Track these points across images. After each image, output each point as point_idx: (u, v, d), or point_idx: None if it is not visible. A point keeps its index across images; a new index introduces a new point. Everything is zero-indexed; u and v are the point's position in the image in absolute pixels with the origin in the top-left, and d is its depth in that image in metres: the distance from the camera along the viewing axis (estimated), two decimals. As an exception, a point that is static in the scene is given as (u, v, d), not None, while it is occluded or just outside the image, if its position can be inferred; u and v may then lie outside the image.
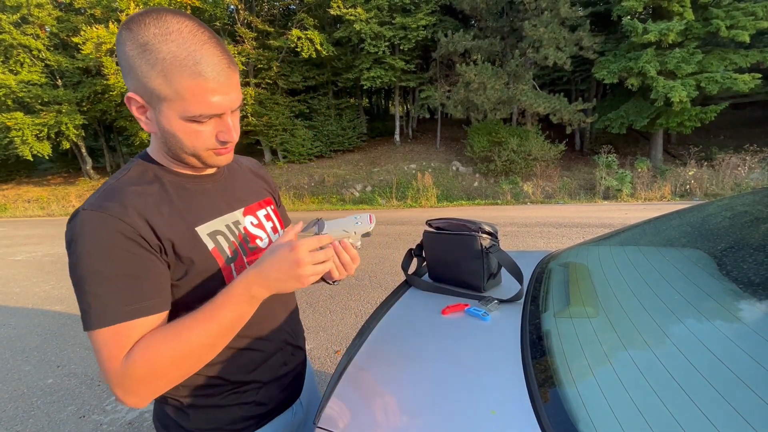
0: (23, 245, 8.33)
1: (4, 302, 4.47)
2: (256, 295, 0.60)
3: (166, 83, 0.56)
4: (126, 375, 0.55)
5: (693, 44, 11.01)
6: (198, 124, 0.60)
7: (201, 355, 0.60)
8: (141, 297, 0.58)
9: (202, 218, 0.68)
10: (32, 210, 16.36)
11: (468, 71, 12.48)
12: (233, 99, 0.61)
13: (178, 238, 0.63)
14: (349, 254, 0.69)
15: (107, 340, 0.56)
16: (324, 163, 15.93)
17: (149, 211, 0.61)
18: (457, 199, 11.83)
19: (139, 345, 0.56)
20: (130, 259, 0.58)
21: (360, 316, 3.36)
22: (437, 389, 0.65)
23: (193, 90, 0.57)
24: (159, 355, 0.56)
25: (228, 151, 0.67)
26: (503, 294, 0.99)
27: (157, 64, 0.55)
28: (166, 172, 0.68)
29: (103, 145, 20.23)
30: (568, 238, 5.64)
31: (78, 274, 0.56)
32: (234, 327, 0.61)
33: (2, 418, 2.30)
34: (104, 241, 0.56)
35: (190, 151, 0.64)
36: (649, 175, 10.62)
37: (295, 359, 0.85)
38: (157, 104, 0.58)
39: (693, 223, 1.07)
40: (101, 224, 0.57)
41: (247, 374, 0.74)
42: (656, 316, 0.68)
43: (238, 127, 0.67)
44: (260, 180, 0.88)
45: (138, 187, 0.63)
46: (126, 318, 0.56)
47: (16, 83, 14.73)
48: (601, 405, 0.53)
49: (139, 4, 13.41)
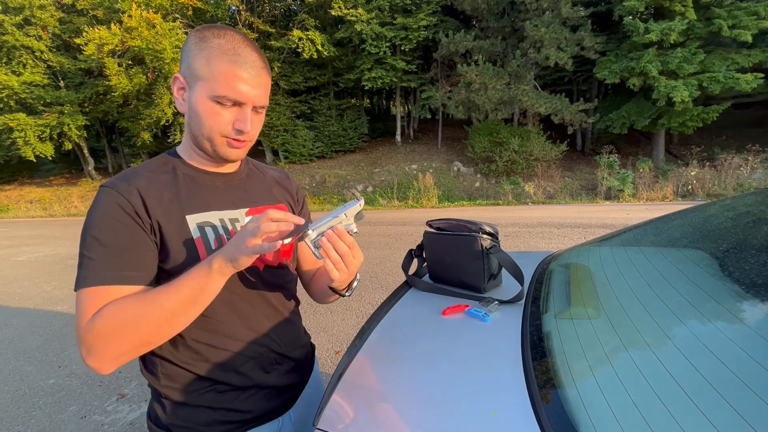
0: (25, 246, 8.36)
1: (6, 303, 4.48)
2: (215, 266, 0.62)
3: (206, 64, 0.65)
4: (89, 330, 0.59)
5: (695, 44, 10.99)
6: (220, 106, 0.66)
7: (162, 321, 0.61)
8: (126, 267, 0.63)
9: (196, 208, 0.71)
10: (34, 211, 16.43)
11: (469, 71, 12.48)
12: (257, 95, 0.68)
13: (168, 221, 0.68)
14: (345, 242, 0.65)
15: (85, 300, 0.61)
16: (325, 164, 15.95)
17: (151, 193, 0.68)
18: (458, 199, 11.82)
19: (107, 306, 0.60)
20: (124, 232, 0.64)
21: (361, 317, 3.36)
22: (437, 390, 0.65)
23: (226, 73, 0.65)
24: (121, 314, 0.59)
25: (240, 146, 0.71)
26: (504, 295, 0.98)
27: (205, 50, 0.66)
28: (183, 164, 0.75)
29: (105, 146, 20.29)
30: (569, 238, 5.63)
31: (82, 237, 0.64)
32: (196, 299, 0.63)
33: (4, 419, 2.31)
34: (106, 213, 0.64)
35: (207, 133, 0.69)
36: (651, 175, 10.60)
37: (281, 368, 0.81)
38: (194, 84, 0.67)
39: (695, 223, 1.06)
40: (108, 198, 0.65)
41: (222, 373, 0.73)
42: (658, 317, 0.67)
43: (257, 128, 0.72)
44: (282, 189, 0.89)
45: (152, 173, 0.71)
46: (107, 282, 0.61)
47: (19, 84, 14.80)
48: (602, 407, 0.53)
49: (141, 5, 13.46)
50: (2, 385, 2.69)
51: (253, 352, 0.76)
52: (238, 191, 0.79)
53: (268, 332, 0.79)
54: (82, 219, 12.14)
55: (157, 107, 14.27)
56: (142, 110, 14.90)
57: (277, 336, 0.80)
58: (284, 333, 0.83)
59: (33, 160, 15.96)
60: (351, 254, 0.67)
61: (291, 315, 0.86)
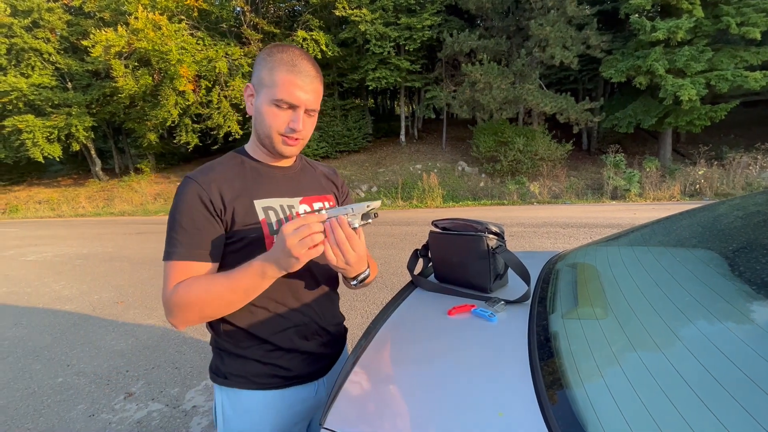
0: (34, 246, 8.46)
1: (15, 302, 4.54)
2: (268, 272, 0.73)
3: (269, 74, 0.79)
4: (169, 300, 0.75)
5: (702, 42, 10.87)
6: (278, 108, 0.79)
7: (220, 304, 0.76)
8: (199, 246, 0.78)
9: (262, 194, 0.85)
10: (43, 211, 16.63)
11: (474, 71, 12.44)
12: (309, 99, 0.80)
13: (240, 205, 0.82)
14: (344, 231, 0.72)
15: (169, 270, 0.77)
16: (329, 164, 15.92)
17: (224, 183, 0.82)
18: (462, 199, 11.79)
19: (183, 282, 0.76)
20: (199, 218, 0.78)
21: (366, 317, 3.37)
22: (444, 390, 0.65)
23: (284, 80, 0.78)
24: (191, 294, 0.74)
25: (294, 143, 0.83)
26: (510, 295, 0.98)
27: (270, 62, 0.79)
28: (249, 159, 0.89)
29: (111, 147, 20.50)
30: (575, 238, 5.59)
31: (169, 220, 0.79)
32: (248, 293, 0.76)
33: (14, 416, 2.34)
34: (186, 200, 0.78)
35: (267, 131, 0.81)
36: (658, 174, 10.50)
37: (320, 339, 0.93)
38: (260, 91, 0.80)
39: (704, 223, 1.05)
40: (189, 188, 0.79)
41: (270, 335, 0.86)
42: (667, 317, 0.67)
43: (309, 128, 0.84)
44: (329, 183, 1.03)
45: (224, 166, 0.85)
46: (183, 258, 0.77)
47: (28, 86, 14.99)
48: (610, 407, 0.53)
49: (147, 7, 13.56)
50: (12, 383, 2.72)
51: (297, 320, 0.89)
52: (293, 182, 0.92)
53: (312, 304, 0.91)
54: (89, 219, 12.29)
55: (163, 108, 14.38)
56: (148, 111, 15.03)
57: (319, 309, 0.93)
58: (325, 307, 0.95)
59: (41, 161, 16.17)
60: (347, 243, 0.72)
61: (332, 292, 0.99)
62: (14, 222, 14.77)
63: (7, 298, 4.72)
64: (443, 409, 0.60)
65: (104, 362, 2.93)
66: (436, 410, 0.60)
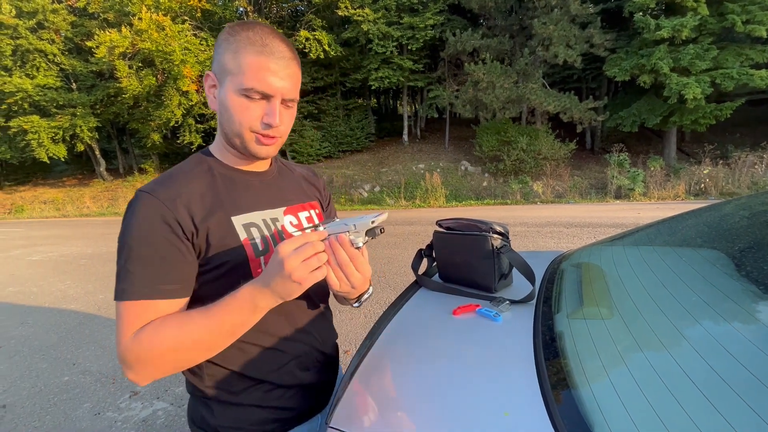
0: (40, 245, 8.52)
1: (21, 301, 4.58)
2: (260, 304, 0.60)
3: (234, 58, 0.64)
4: (130, 350, 0.59)
5: (707, 40, 10.79)
6: (249, 99, 0.65)
7: (199, 350, 0.62)
8: (164, 280, 0.62)
9: (241, 209, 0.71)
10: (48, 211, 16.74)
11: (477, 70, 12.41)
12: (286, 87, 0.66)
13: (214, 224, 0.67)
14: (347, 252, 0.61)
15: (125, 313, 0.61)
16: (332, 164, 15.99)
17: (192, 198, 0.67)
18: (465, 199, 11.77)
19: (147, 327, 0.60)
20: (163, 244, 0.62)
21: (369, 316, 3.37)
22: (449, 390, 0.65)
23: (253, 64, 0.63)
24: (160, 341, 0.59)
25: (270, 142, 0.69)
26: (515, 295, 0.98)
27: (233, 43, 0.65)
28: (219, 164, 0.74)
29: (116, 147, 20.60)
30: (579, 238, 5.57)
31: (119, 246, 0.63)
32: (235, 332, 0.62)
33: (21, 415, 2.36)
34: (144, 222, 0.62)
35: (236, 129, 0.67)
36: (663, 173, 10.44)
37: (322, 367, 0.82)
38: (224, 80, 0.66)
39: (710, 222, 1.04)
40: (146, 205, 0.63)
41: (268, 373, 0.73)
42: (673, 317, 0.67)
43: (287, 123, 0.70)
44: (311, 187, 0.90)
45: (189, 176, 0.70)
46: (145, 296, 0.61)
47: (33, 87, 15.09)
48: (616, 408, 0.53)
49: (150, 8, 13.63)
50: (19, 381, 2.75)
51: (298, 351, 0.77)
52: (273, 190, 0.79)
53: (310, 330, 0.80)
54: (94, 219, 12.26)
55: (167, 108, 14.45)
56: (152, 112, 15.10)
57: (318, 333, 0.82)
58: (323, 329, 0.84)
59: (46, 161, 16.29)
60: (351, 266, 0.62)
61: (326, 310, 0.87)
62: (20, 222, 14.88)
63: (14, 297, 4.76)
64: (449, 408, 0.61)
65: (109, 361, 2.95)
66: (442, 409, 0.61)
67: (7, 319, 4.01)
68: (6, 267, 6.50)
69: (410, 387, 0.68)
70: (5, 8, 14.92)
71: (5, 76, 14.88)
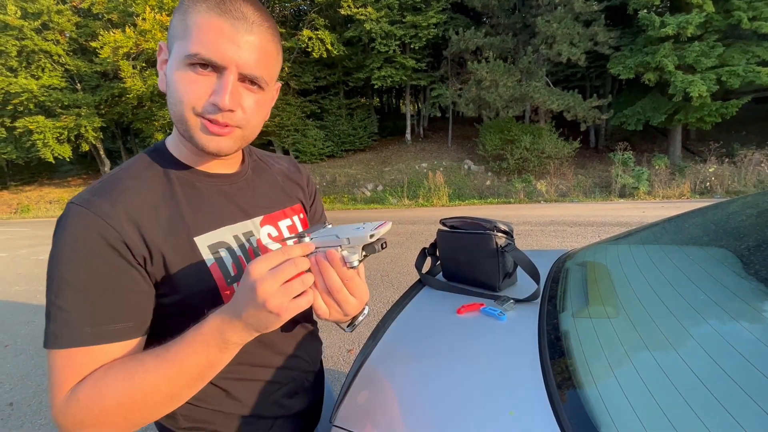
0: (46, 245, 8.59)
1: (28, 300, 4.62)
2: (231, 339, 0.46)
3: (182, 19, 0.50)
4: (65, 415, 0.45)
5: (713, 37, 10.70)
6: (193, 70, 0.49)
7: (157, 405, 0.47)
8: (110, 318, 0.49)
9: (205, 226, 0.57)
10: (54, 211, 16.87)
11: (480, 69, 12.38)
12: (245, 59, 0.49)
13: (172, 248, 0.53)
14: (338, 273, 0.47)
15: (61, 364, 0.47)
16: (335, 163, 16.01)
17: (143, 213, 0.52)
18: (469, 198, 11.75)
19: (86, 382, 0.46)
20: (107, 271, 0.48)
21: (372, 315, 3.37)
22: (454, 388, 0.65)
23: (201, 24, 0.48)
24: (104, 399, 0.45)
25: (222, 132, 0.52)
26: (519, 293, 0.97)
27: (186, 4, 0.50)
28: (177, 165, 0.58)
29: (120, 147, 20.71)
30: (583, 237, 5.54)
31: (49, 276, 0.48)
32: (203, 376, 0.48)
33: (27, 412, 2.38)
34: (80, 245, 0.48)
35: (178, 110, 0.51)
36: (668, 172, 10.37)
37: (311, 388, 0.75)
38: (172, 49, 0.51)
39: (716, 220, 1.03)
40: (82, 224, 0.48)
41: (254, 407, 0.63)
42: (681, 316, 0.66)
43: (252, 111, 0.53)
44: (292, 183, 0.75)
45: (139, 182, 0.54)
46: (87, 342, 0.47)
47: (38, 88, 15.20)
48: (624, 407, 0.52)
49: (154, 7, 13.68)
50: (25, 379, 2.77)
51: (286, 378, 0.67)
52: (246, 194, 0.64)
53: (298, 353, 0.70)
54: (99, 219, 12.64)
55: (171, 108, 14.52)
56: (155, 111, 15.18)
57: (307, 355, 0.73)
58: (311, 350, 0.75)
59: (52, 161, 16.39)
60: (344, 291, 0.48)
61: (313, 327, 0.78)
62: (26, 221, 15.00)
63: (20, 296, 4.80)
64: (453, 407, 0.60)
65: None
66: (447, 408, 0.60)
67: (14, 317, 4.05)
68: (12, 266, 6.56)
69: (414, 386, 0.68)
70: (10, 9, 15.03)
71: (11, 77, 14.99)
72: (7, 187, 20.45)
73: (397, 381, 0.70)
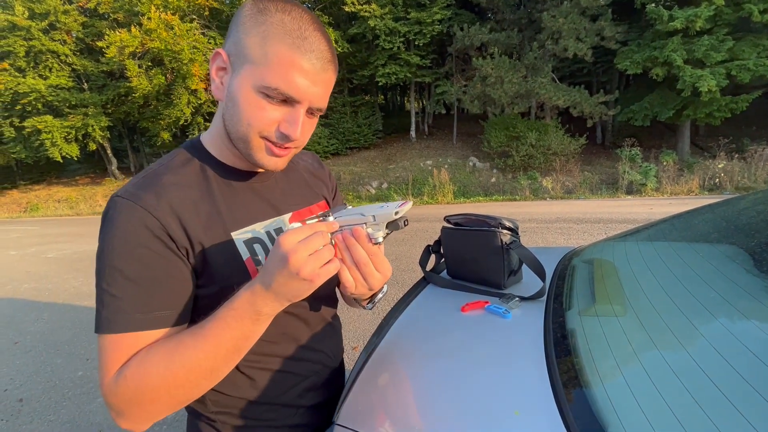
0: (54, 243, 8.69)
1: (37, 298, 4.68)
2: (263, 309, 0.50)
3: (260, 44, 0.51)
4: (115, 394, 0.49)
5: (723, 31, 10.50)
6: (268, 100, 0.52)
7: (199, 380, 0.51)
8: (159, 305, 0.53)
9: (241, 222, 0.61)
10: (62, 209, 17.06)
11: (485, 65, 12.28)
12: (317, 94, 0.54)
13: (211, 242, 0.57)
14: (364, 248, 0.52)
15: (110, 348, 0.51)
16: (340, 161, 16.01)
17: (185, 208, 0.55)
18: (474, 195, 11.70)
19: (131, 362, 0.50)
20: (154, 261, 0.52)
21: (377, 313, 3.37)
22: (458, 387, 0.64)
23: (283, 59, 0.51)
24: (149, 377, 0.49)
25: (283, 155, 0.58)
26: (525, 291, 0.96)
27: (263, 24, 0.51)
28: (214, 163, 0.62)
29: (127, 146, 20.88)
30: (589, 234, 5.49)
31: (99, 267, 0.52)
32: (239, 349, 0.52)
33: (37, 409, 2.41)
34: (130, 236, 0.51)
35: (243, 131, 0.55)
36: (676, 168, 10.23)
37: (333, 381, 0.77)
38: (239, 66, 0.53)
39: (727, 217, 1.01)
40: (130, 216, 0.52)
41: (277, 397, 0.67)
42: (691, 314, 0.64)
43: (307, 134, 0.59)
44: (317, 180, 0.79)
45: (179, 177, 0.58)
46: (137, 327, 0.51)
47: (46, 88, 15.35)
48: (632, 407, 0.51)
49: (159, 7, 13.74)
50: (35, 376, 2.81)
51: (307, 370, 0.70)
52: (276, 192, 0.68)
53: (321, 348, 0.73)
54: (106, 217, 12.65)
55: (176, 107, 14.60)
56: (161, 110, 15.26)
57: (329, 350, 0.75)
58: (333, 344, 0.78)
59: (60, 160, 16.58)
60: (370, 265, 0.53)
61: (335, 321, 0.80)
62: (35, 220, 15.19)
63: (30, 293, 4.87)
64: (458, 406, 0.60)
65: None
66: (451, 408, 0.60)
67: (24, 315, 4.11)
68: (22, 264, 6.65)
69: (418, 384, 0.67)
70: (18, 10, 15.18)
71: (19, 77, 15.16)
72: (16, 186, 20.72)
73: (401, 380, 0.70)
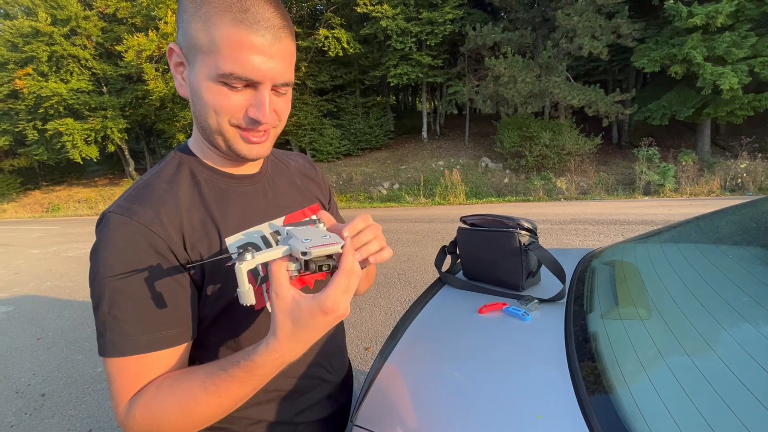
0: (75, 242, 8.93)
1: (58, 295, 4.81)
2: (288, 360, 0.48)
3: (204, 29, 0.47)
4: (127, 427, 0.49)
5: (745, 27, 10.19)
6: (229, 88, 0.49)
7: (209, 421, 0.51)
8: (165, 325, 0.51)
9: (234, 227, 0.58)
10: (82, 209, 17.53)
11: (497, 65, 12.17)
12: (277, 69, 0.50)
13: (207, 250, 0.54)
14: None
15: (119, 373, 0.50)
16: (352, 162, 16.06)
17: (182, 218, 0.53)
18: (486, 196, 11.59)
19: (140, 399, 0.49)
20: (158, 279, 0.50)
21: (389, 314, 3.36)
22: (477, 391, 0.63)
23: (230, 40, 0.47)
24: (159, 421, 0.48)
25: (261, 140, 0.55)
26: (543, 293, 0.94)
27: (201, 5, 0.48)
28: (203, 167, 0.59)
29: (144, 148, 21.34)
30: (605, 235, 5.39)
31: (97, 289, 0.49)
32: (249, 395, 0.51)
33: (58, 403, 2.48)
34: (129, 255, 0.49)
35: (213, 125, 0.52)
36: (695, 168, 9.95)
37: (336, 395, 0.73)
38: (193, 58, 0.50)
39: (755, 218, 0.98)
40: (126, 232, 0.49)
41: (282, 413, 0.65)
42: (720, 317, 0.62)
43: (283, 112, 0.55)
44: (310, 182, 0.77)
45: (172, 186, 0.55)
46: (145, 349, 0.49)
47: (67, 91, 15.80)
48: (661, 413, 0.49)
49: (175, 11, 14.01)
50: (56, 372, 2.89)
51: (308, 386, 0.68)
52: (267, 195, 0.65)
53: (323, 363, 0.70)
54: (124, 217, 13.12)
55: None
56: (177, 113, 15.57)
57: (328, 363, 0.72)
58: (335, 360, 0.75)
59: (80, 162, 17.03)
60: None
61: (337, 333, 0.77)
62: (56, 220, 15.64)
63: (51, 291, 5.01)
64: (477, 410, 0.59)
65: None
66: (470, 411, 0.59)
67: (46, 312, 4.23)
68: (44, 262, 6.85)
69: (436, 387, 0.66)
70: (41, 16, 15.66)
71: (42, 81, 15.64)
72: (39, 187, 21.37)
73: (418, 382, 0.69)
